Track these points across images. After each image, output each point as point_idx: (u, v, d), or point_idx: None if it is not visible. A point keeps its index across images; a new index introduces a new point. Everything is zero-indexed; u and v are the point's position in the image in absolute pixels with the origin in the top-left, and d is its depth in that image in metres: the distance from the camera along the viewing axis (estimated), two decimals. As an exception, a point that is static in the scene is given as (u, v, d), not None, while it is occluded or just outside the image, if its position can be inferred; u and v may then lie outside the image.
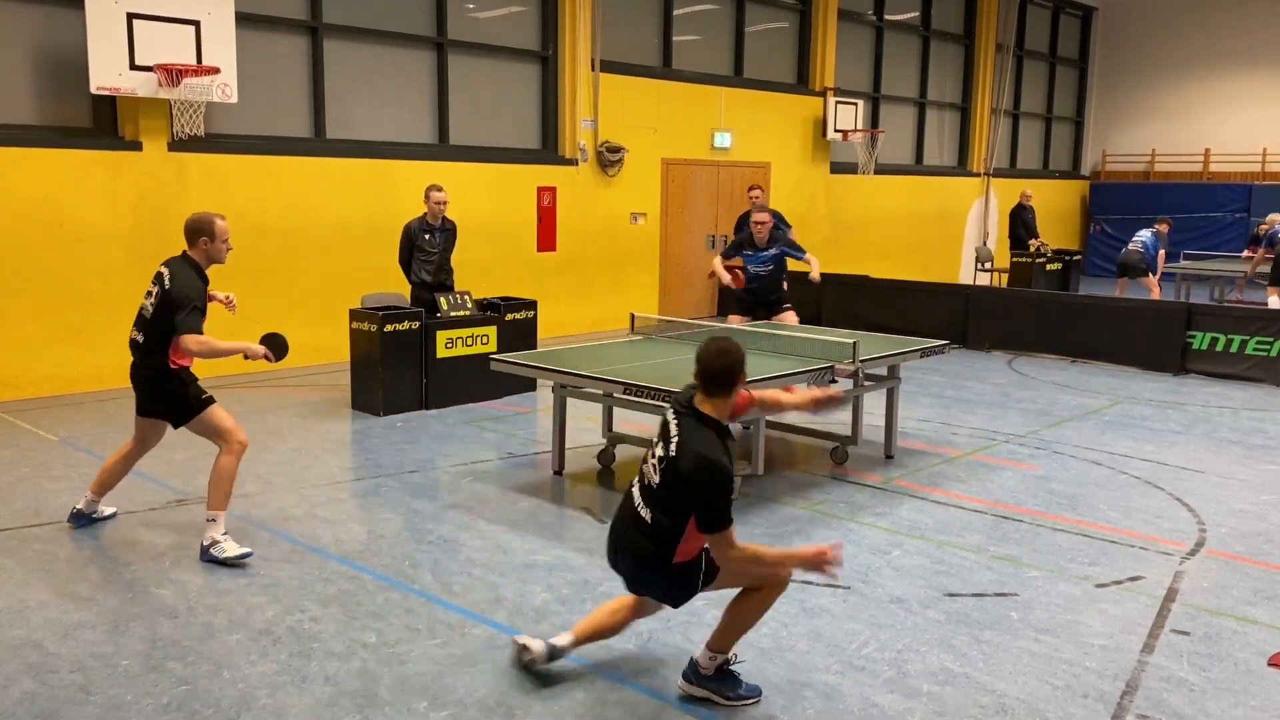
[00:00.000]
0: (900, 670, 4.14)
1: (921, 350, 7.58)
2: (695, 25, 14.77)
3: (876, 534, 5.78)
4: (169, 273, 5.24)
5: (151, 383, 5.31)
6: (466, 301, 9.10)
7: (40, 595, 4.79)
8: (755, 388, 3.98)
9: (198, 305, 5.17)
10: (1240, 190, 20.94)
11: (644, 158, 13.86)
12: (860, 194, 17.37)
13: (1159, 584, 5.10)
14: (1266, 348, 10.46)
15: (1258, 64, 21.14)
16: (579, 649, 4.07)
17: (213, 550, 5.19)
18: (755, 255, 9.04)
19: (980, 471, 7.12)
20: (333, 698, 3.88)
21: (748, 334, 7.63)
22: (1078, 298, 13.02)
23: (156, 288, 5.25)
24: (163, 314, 5.17)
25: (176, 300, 5.11)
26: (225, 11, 9.40)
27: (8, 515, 5.89)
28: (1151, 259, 14.74)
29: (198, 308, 5.16)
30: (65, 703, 3.82)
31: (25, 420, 8.18)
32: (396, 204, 10.76)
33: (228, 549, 5.20)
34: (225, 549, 5.20)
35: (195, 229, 5.33)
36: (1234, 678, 4.14)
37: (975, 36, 19.80)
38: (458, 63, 12.05)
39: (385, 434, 7.92)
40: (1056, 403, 9.39)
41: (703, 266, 15.08)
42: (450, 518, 5.95)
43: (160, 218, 9.60)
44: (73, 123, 9.40)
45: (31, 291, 8.94)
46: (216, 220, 5.38)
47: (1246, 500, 6.53)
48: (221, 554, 5.18)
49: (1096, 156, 23.69)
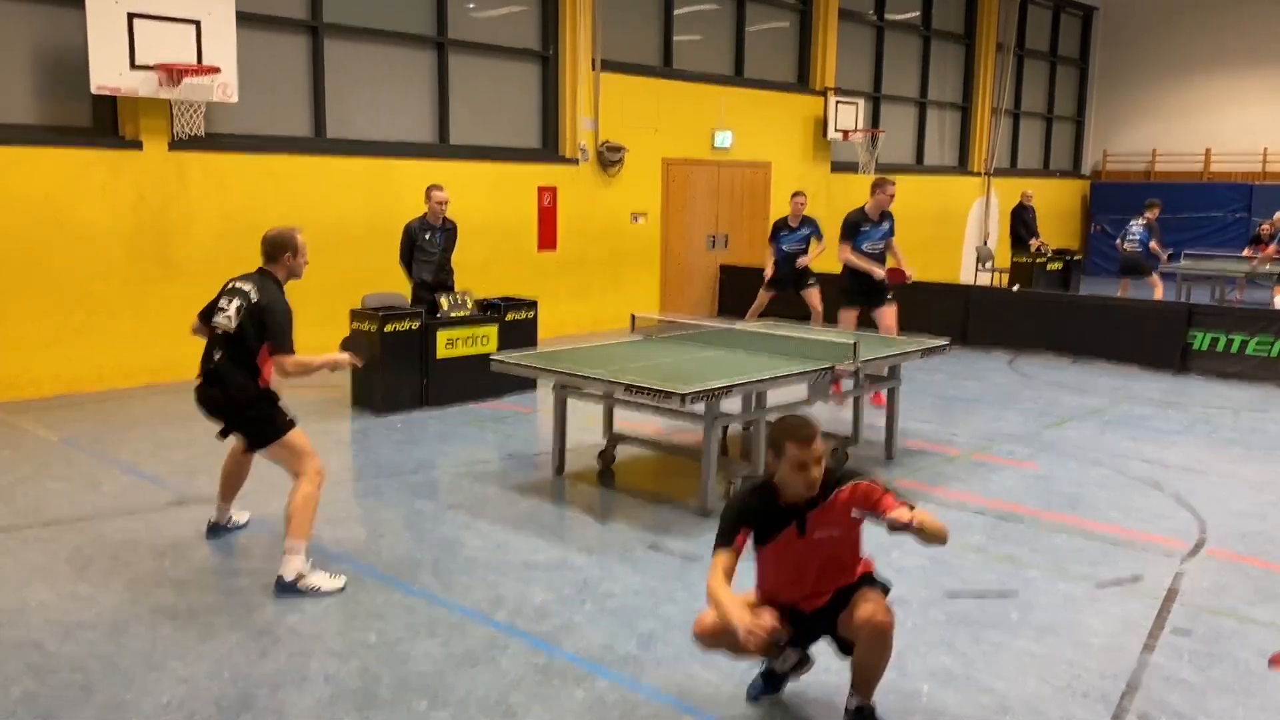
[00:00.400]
0: (900, 670, 4.13)
1: (921, 350, 7.58)
2: (695, 25, 14.77)
3: (877, 534, 5.76)
4: (254, 289, 4.95)
5: (236, 406, 5.00)
6: (467, 301, 9.10)
7: (40, 595, 4.79)
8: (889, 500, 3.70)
9: (290, 322, 4.94)
10: (1241, 190, 20.94)
11: (644, 157, 13.85)
12: (861, 194, 17.14)
13: (1159, 584, 5.10)
14: (1267, 348, 10.46)
15: (1258, 64, 21.13)
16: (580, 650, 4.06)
17: (299, 585, 4.79)
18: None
19: (980, 471, 7.12)
20: (333, 698, 3.88)
21: (750, 335, 7.63)
22: (1078, 298, 13.03)
23: (238, 302, 4.93)
24: (253, 331, 4.88)
25: (273, 320, 4.87)
26: (225, 11, 9.40)
27: (8, 515, 5.89)
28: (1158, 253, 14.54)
29: (290, 324, 4.94)
30: (65, 703, 3.82)
31: (25, 420, 8.18)
32: (396, 204, 10.76)
33: (319, 582, 4.83)
34: (315, 583, 4.82)
35: (279, 244, 5.07)
36: (1234, 678, 4.13)
37: (976, 36, 19.80)
38: (458, 62, 12.05)
39: (385, 434, 7.92)
40: (1056, 403, 9.39)
41: (702, 266, 15.10)
42: (450, 518, 5.95)
43: (160, 218, 9.60)
44: (73, 122, 9.40)
45: (31, 291, 8.94)
46: (298, 235, 5.14)
47: (1246, 500, 6.52)
48: (312, 588, 4.79)
49: (1097, 156, 23.69)
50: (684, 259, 14.80)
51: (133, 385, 9.52)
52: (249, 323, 4.89)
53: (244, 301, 4.93)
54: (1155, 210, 14.88)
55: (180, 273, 9.70)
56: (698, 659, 4.20)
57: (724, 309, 15.09)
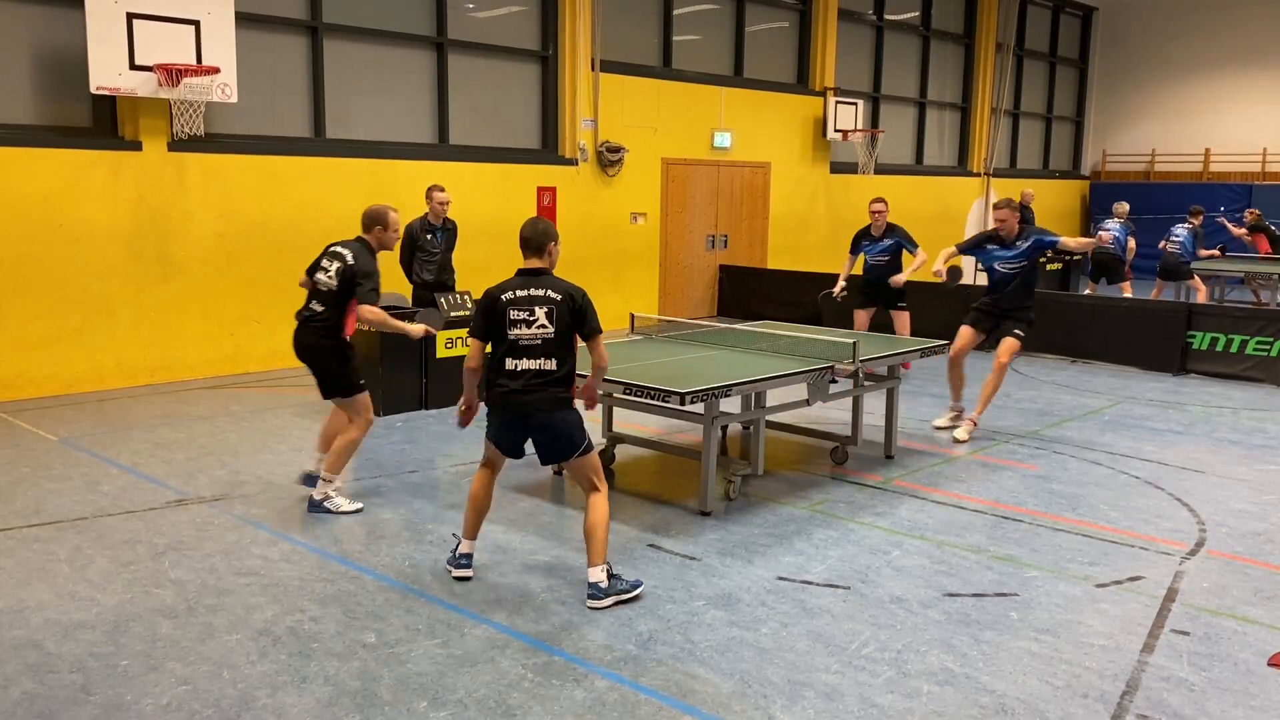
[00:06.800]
0: (900, 670, 4.14)
1: (921, 350, 7.58)
2: (695, 25, 14.77)
3: (876, 534, 5.78)
4: (351, 254, 5.81)
5: (322, 351, 5.86)
6: (466, 302, 9.10)
7: (40, 595, 4.79)
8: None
9: (378, 283, 5.80)
10: (1240, 190, 20.94)
11: (644, 158, 13.86)
12: (860, 194, 17.28)
13: (1159, 584, 5.10)
14: (1266, 348, 10.46)
15: (1258, 64, 21.14)
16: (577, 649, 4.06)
17: (326, 504, 5.93)
18: (872, 245, 9.77)
19: (980, 471, 7.12)
20: (333, 698, 3.88)
21: (750, 335, 7.63)
22: (1078, 298, 13.02)
23: (337, 264, 5.80)
24: (346, 287, 5.75)
25: (361, 273, 5.73)
26: (225, 11, 9.40)
27: (8, 515, 5.89)
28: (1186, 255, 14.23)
29: (377, 286, 5.80)
30: (65, 703, 3.82)
31: (25, 420, 8.18)
32: (396, 204, 10.66)
33: (342, 504, 5.96)
34: (340, 503, 5.96)
35: (372, 218, 5.93)
36: (1234, 678, 4.14)
37: (975, 36, 19.81)
38: (458, 63, 12.06)
39: (385, 434, 7.92)
40: (1056, 403, 9.39)
41: (702, 267, 15.10)
42: (450, 518, 5.95)
43: (160, 218, 9.60)
44: (73, 123, 9.40)
45: (31, 291, 8.94)
46: (390, 212, 5.98)
47: (1246, 500, 6.52)
48: (337, 508, 5.93)
49: (1096, 156, 23.70)
50: (683, 259, 14.80)
51: (133, 385, 9.52)
52: (344, 279, 5.76)
53: (342, 264, 5.79)
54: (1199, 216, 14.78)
55: (180, 273, 9.70)
56: (697, 659, 4.20)
57: (723, 309, 15.10)
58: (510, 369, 4.71)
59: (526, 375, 4.70)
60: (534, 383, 4.69)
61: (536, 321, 4.67)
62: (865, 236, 10.26)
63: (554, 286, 4.73)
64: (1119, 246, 14.07)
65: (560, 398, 4.74)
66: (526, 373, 4.70)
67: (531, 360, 4.69)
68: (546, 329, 4.67)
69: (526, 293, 4.70)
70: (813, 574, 5.16)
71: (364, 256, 5.82)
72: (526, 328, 4.68)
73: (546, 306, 4.68)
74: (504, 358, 4.72)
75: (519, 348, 4.69)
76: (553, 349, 4.69)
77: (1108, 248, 13.79)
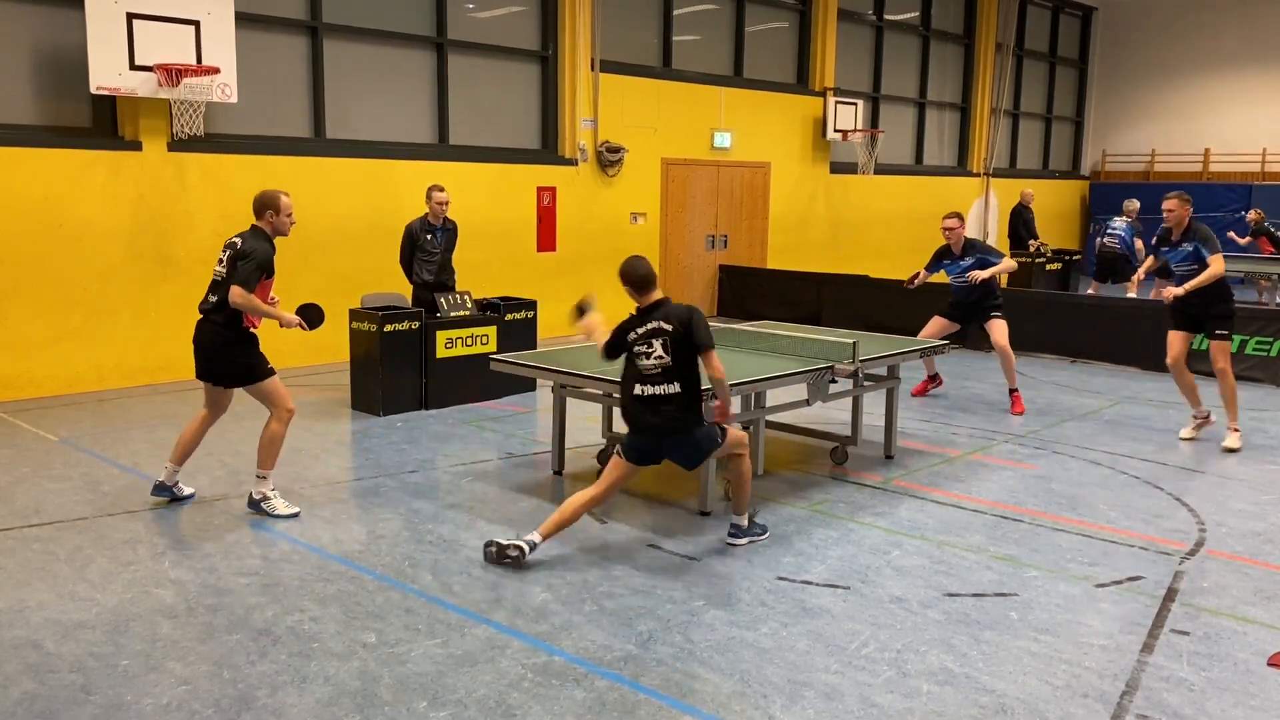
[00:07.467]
0: (900, 670, 4.14)
1: (921, 350, 7.58)
2: (695, 25, 14.78)
3: (876, 534, 5.78)
4: (240, 239, 5.70)
5: (229, 344, 5.70)
6: (466, 301, 9.10)
7: (40, 595, 4.79)
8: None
9: (260, 264, 5.58)
10: (1240, 190, 20.93)
11: (644, 158, 13.86)
12: (860, 194, 17.37)
13: (1159, 584, 5.10)
14: (1266, 348, 10.45)
15: (1258, 64, 21.13)
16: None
17: (263, 505, 5.87)
18: (953, 264, 9.20)
19: (980, 471, 7.12)
20: (333, 698, 3.88)
21: (750, 335, 7.63)
22: (1078, 298, 13.02)
23: (228, 253, 5.69)
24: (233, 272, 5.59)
25: (241, 254, 5.59)
26: (225, 11, 9.40)
27: (8, 515, 5.89)
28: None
29: (260, 266, 5.58)
30: (65, 703, 3.82)
31: (25, 420, 8.18)
32: (396, 204, 10.77)
33: (278, 506, 5.86)
34: (275, 506, 5.86)
35: (262, 203, 5.76)
36: (1234, 678, 4.14)
37: (975, 36, 19.81)
38: (458, 63, 12.06)
39: (385, 434, 7.92)
40: (1056, 403, 9.39)
41: (702, 267, 15.11)
42: (450, 518, 5.95)
43: (160, 218, 9.61)
44: (73, 123, 9.41)
45: (31, 291, 8.94)
46: (281, 196, 5.81)
47: (1246, 500, 6.52)
48: (272, 510, 5.85)
49: (1096, 156, 23.69)
50: (683, 259, 14.81)
51: (133, 385, 9.52)
52: (230, 264, 5.64)
53: (229, 250, 5.70)
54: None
55: (180, 273, 9.70)
56: (697, 659, 4.20)
57: (723, 309, 15.10)
58: (639, 394, 5.19)
59: (654, 401, 5.15)
60: (663, 408, 5.14)
61: (654, 353, 5.12)
62: (946, 254, 9.35)
63: (666, 318, 5.13)
64: (1125, 246, 13.93)
65: (684, 418, 5.17)
66: (654, 398, 5.15)
67: (655, 386, 5.14)
68: (664, 359, 5.11)
69: (645, 327, 5.17)
70: (812, 574, 5.16)
71: (250, 240, 5.68)
72: (648, 359, 5.15)
73: (662, 338, 5.11)
74: (634, 382, 5.21)
75: (645, 376, 5.17)
76: (674, 374, 5.12)
77: (1113, 247, 13.79)
